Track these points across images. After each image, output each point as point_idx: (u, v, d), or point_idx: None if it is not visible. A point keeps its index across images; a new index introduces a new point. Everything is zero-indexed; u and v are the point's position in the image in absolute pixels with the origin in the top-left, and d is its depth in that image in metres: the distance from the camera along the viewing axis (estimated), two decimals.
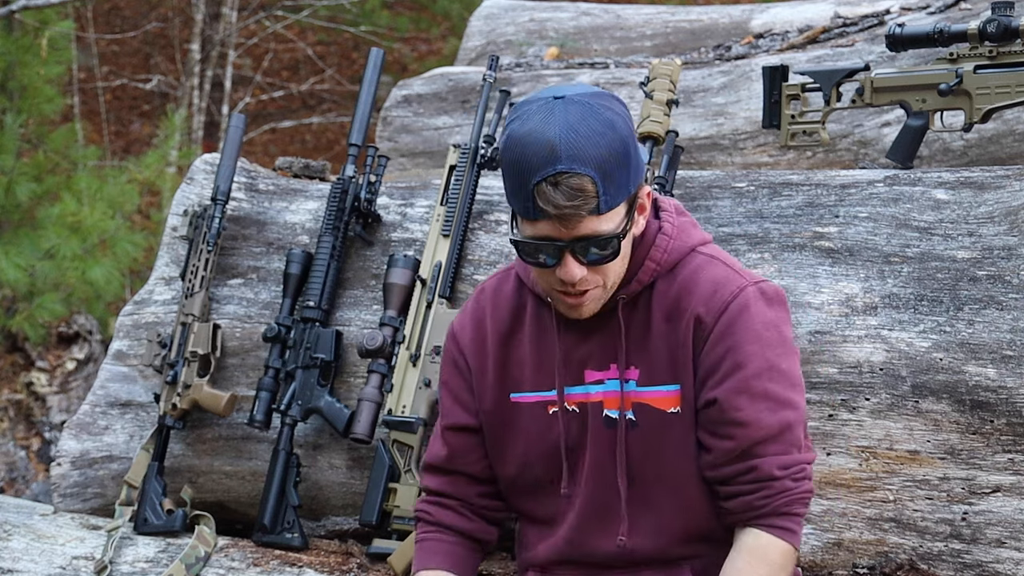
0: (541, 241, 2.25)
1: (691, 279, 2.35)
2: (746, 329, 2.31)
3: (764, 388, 2.31)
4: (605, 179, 2.20)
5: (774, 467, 2.31)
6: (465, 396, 2.53)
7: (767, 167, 4.14)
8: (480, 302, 2.53)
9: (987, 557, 2.76)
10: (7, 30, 7.30)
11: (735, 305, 2.32)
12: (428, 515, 2.59)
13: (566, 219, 2.21)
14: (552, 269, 2.28)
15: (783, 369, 2.33)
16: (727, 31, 5.04)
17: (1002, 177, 3.00)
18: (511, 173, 2.24)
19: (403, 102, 4.89)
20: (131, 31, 11.02)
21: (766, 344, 2.32)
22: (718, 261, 2.38)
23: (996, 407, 2.74)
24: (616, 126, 2.22)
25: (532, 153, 2.19)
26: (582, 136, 2.19)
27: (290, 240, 3.49)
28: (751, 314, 2.32)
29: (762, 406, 2.31)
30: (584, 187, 2.19)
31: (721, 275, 2.35)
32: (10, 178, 6.65)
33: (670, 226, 2.38)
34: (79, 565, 3.23)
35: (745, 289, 2.34)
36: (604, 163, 2.20)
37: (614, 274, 2.31)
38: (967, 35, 3.10)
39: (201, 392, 3.34)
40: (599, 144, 2.20)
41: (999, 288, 2.81)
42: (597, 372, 2.40)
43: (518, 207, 2.25)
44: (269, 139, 11.09)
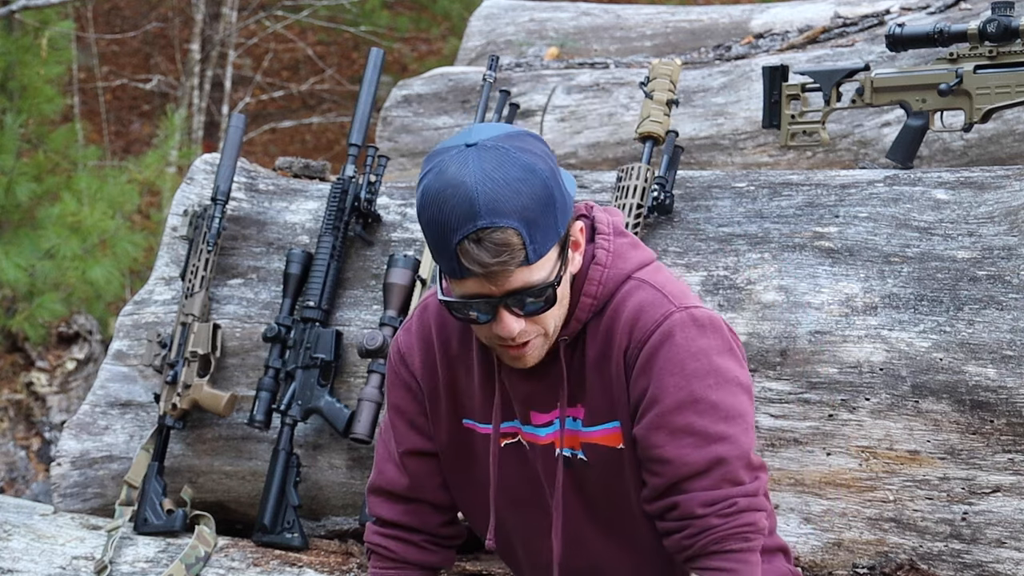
0: (472, 299, 2.13)
1: (619, 309, 2.22)
2: (668, 360, 2.18)
3: (686, 423, 2.17)
4: (531, 228, 2.07)
5: (696, 504, 2.18)
6: (420, 420, 2.40)
7: (767, 167, 4.14)
8: (425, 321, 2.39)
9: (987, 557, 2.76)
10: (7, 30, 7.30)
11: (658, 334, 2.18)
12: (388, 551, 2.48)
13: (494, 276, 2.08)
14: (488, 325, 2.16)
15: (712, 401, 2.17)
16: (727, 31, 5.04)
17: (1002, 177, 3.00)
18: (430, 232, 2.10)
19: (403, 102, 4.89)
20: (131, 31, 11.02)
21: (691, 375, 2.17)
22: (648, 286, 2.23)
23: (996, 407, 2.74)
24: (536, 169, 2.09)
25: (450, 210, 2.06)
26: (500, 186, 2.05)
27: (290, 240, 3.49)
28: (674, 343, 2.18)
29: (685, 442, 2.17)
30: (509, 241, 2.06)
31: (647, 301, 2.21)
32: (10, 178, 6.64)
33: (604, 253, 2.24)
34: (79, 565, 3.23)
35: (671, 316, 2.19)
36: (527, 211, 2.06)
37: (555, 319, 2.19)
38: (967, 35, 3.10)
39: (201, 392, 3.34)
40: (520, 192, 2.06)
41: (999, 288, 2.80)
42: (543, 415, 2.30)
43: (443, 266, 2.12)
44: (269, 139, 11.09)
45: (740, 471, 2.20)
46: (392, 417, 2.44)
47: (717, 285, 3.02)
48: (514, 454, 2.34)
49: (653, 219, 3.15)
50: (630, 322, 2.21)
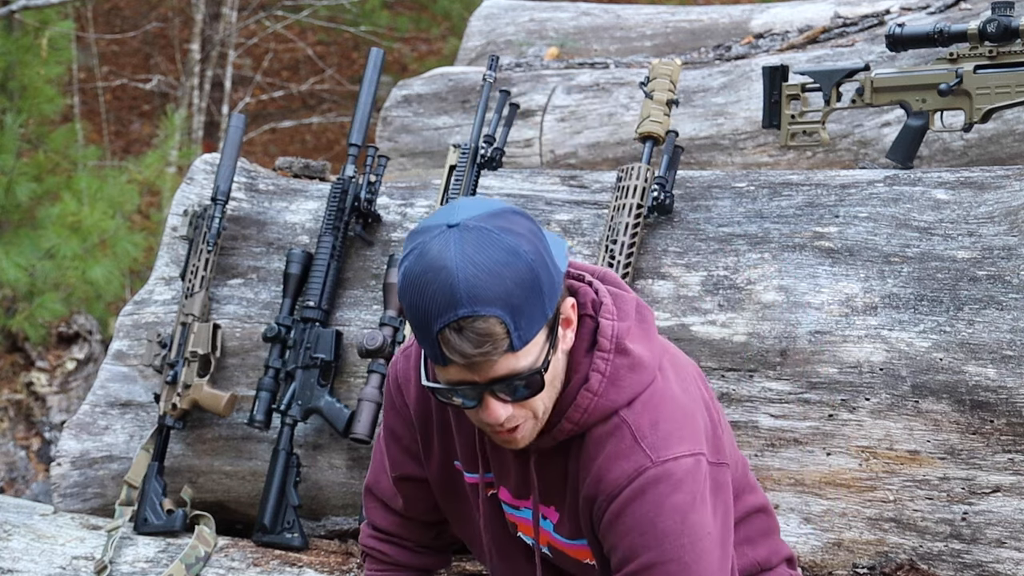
0: (456, 387, 2.04)
1: (596, 449, 2.13)
2: (638, 518, 2.09)
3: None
4: (515, 315, 1.97)
5: None
6: (414, 447, 2.37)
7: (767, 167, 4.14)
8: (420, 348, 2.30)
9: (987, 557, 2.76)
10: (7, 30, 7.30)
11: (628, 491, 2.09)
12: (382, 554, 2.49)
13: (477, 366, 2.00)
14: (475, 409, 2.08)
15: (685, 561, 2.08)
16: (727, 31, 5.04)
17: (1002, 177, 3.00)
18: (412, 316, 2.01)
19: (403, 102, 4.89)
20: (131, 31, 11.02)
21: (661, 535, 2.08)
22: (627, 432, 2.12)
23: (996, 407, 2.74)
24: (519, 251, 1.98)
25: (430, 296, 1.97)
26: (483, 271, 1.96)
27: (290, 240, 3.49)
28: (645, 501, 2.08)
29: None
30: (492, 331, 1.96)
31: (623, 452, 2.10)
32: (10, 178, 6.64)
33: (598, 378, 2.12)
34: (79, 565, 3.23)
35: (644, 472, 2.09)
36: (511, 298, 1.96)
37: (544, 402, 2.10)
38: (967, 35, 3.10)
39: (201, 392, 3.34)
40: (503, 277, 1.96)
41: (999, 288, 2.80)
42: (512, 497, 2.27)
43: (427, 351, 2.04)
44: (269, 139, 11.09)
45: None
46: (387, 439, 2.41)
47: (717, 285, 3.02)
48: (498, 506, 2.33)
49: (653, 219, 3.15)
50: (601, 471, 2.12)
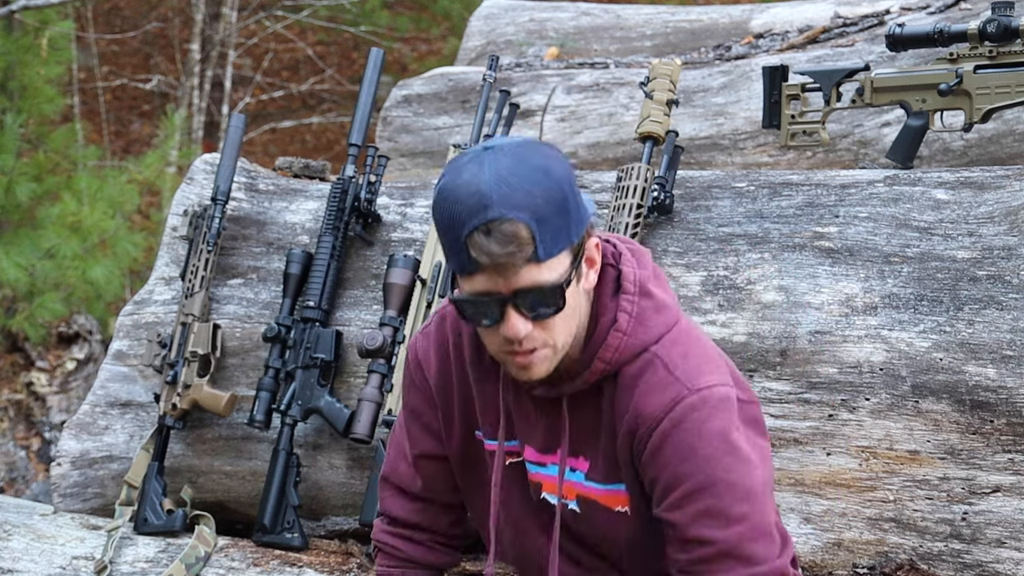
0: (480, 297, 2.10)
1: (631, 385, 2.20)
2: (680, 446, 2.15)
3: (706, 507, 2.15)
4: (540, 225, 2.05)
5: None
6: (435, 425, 2.41)
7: (767, 167, 4.14)
8: (443, 330, 2.38)
9: (987, 557, 2.76)
10: (7, 30, 7.30)
11: (667, 421, 2.15)
12: (396, 549, 2.49)
13: (503, 269, 2.06)
14: (495, 328, 2.12)
15: (730, 482, 2.15)
16: (727, 31, 5.04)
17: (1002, 177, 3.00)
18: (444, 229, 2.09)
19: (403, 102, 4.89)
20: (131, 31, 11.02)
21: (704, 460, 2.15)
22: (661, 365, 2.19)
23: (996, 407, 2.74)
24: (551, 172, 2.08)
25: (462, 205, 2.06)
26: (513, 182, 2.05)
27: (290, 240, 3.49)
28: (685, 428, 2.15)
29: (706, 523, 2.15)
30: (518, 233, 2.04)
31: (658, 384, 2.18)
32: (10, 178, 6.64)
33: (626, 318, 2.20)
34: (79, 565, 3.23)
35: (682, 401, 2.16)
36: (538, 208, 2.05)
37: (563, 333, 2.15)
38: (967, 35, 3.10)
39: (201, 392, 3.34)
40: (531, 190, 2.06)
41: (999, 288, 2.81)
42: (538, 454, 2.30)
43: (455, 264, 2.11)
44: (269, 139, 11.09)
45: (761, 548, 2.17)
46: (407, 419, 2.45)
47: (717, 285, 3.02)
48: (518, 473, 2.35)
49: (653, 219, 3.15)
50: (639, 405, 2.18)
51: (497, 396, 2.31)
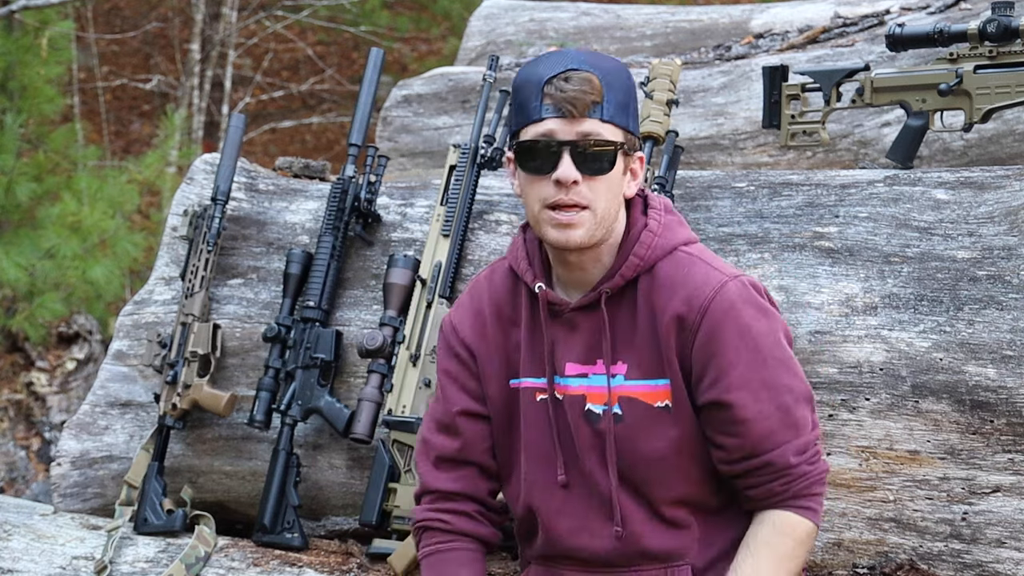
0: (544, 138, 2.30)
1: (671, 277, 2.36)
2: (731, 326, 2.32)
3: (761, 379, 2.33)
4: (609, 89, 2.29)
5: (789, 455, 2.33)
6: (471, 384, 2.51)
7: (767, 167, 4.14)
8: (475, 293, 2.54)
9: (987, 557, 2.76)
10: (7, 30, 7.30)
11: (717, 303, 2.33)
12: (442, 522, 2.52)
13: (573, 105, 2.27)
14: (547, 176, 2.30)
15: (777, 356, 2.35)
16: (727, 31, 5.04)
17: (1002, 177, 3.00)
18: (520, 90, 2.32)
19: (403, 102, 4.89)
20: (131, 31, 11.02)
21: (755, 336, 2.33)
22: (697, 259, 2.38)
23: (996, 407, 2.74)
24: (621, 65, 2.35)
25: (544, 65, 2.31)
26: (594, 58, 2.32)
27: (290, 240, 3.49)
28: (735, 311, 2.33)
29: (761, 397, 2.32)
30: (592, 80, 2.28)
31: (701, 273, 2.36)
32: (10, 178, 6.65)
33: (656, 223, 2.40)
34: (79, 565, 3.23)
35: (726, 285, 2.34)
36: (610, 76, 2.31)
37: (604, 200, 2.32)
38: (967, 35, 3.10)
39: (201, 392, 3.34)
40: (607, 66, 2.32)
41: (999, 288, 2.81)
42: (580, 366, 2.40)
43: (523, 117, 2.32)
44: (269, 139, 11.09)
45: (807, 411, 2.37)
46: (443, 383, 2.55)
47: None
48: (545, 410, 2.43)
49: None
50: (688, 291, 2.33)
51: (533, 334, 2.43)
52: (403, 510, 3.10)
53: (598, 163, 2.30)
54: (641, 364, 2.36)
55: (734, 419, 2.33)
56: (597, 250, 2.37)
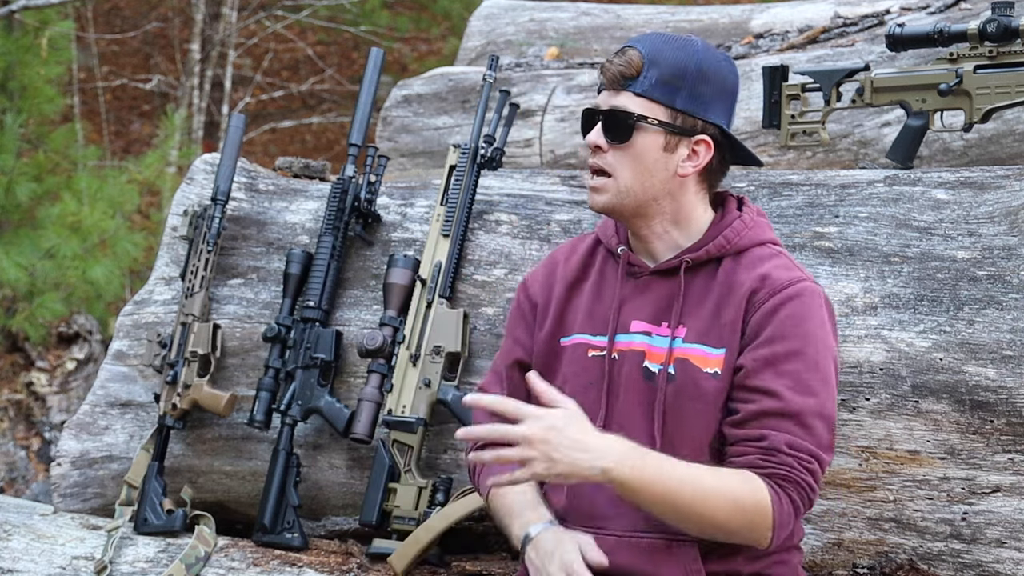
0: (591, 108, 2.48)
1: (756, 261, 2.45)
2: (792, 314, 2.39)
3: (793, 369, 2.36)
4: (652, 65, 2.41)
5: (783, 443, 2.33)
6: (525, 338, 2.60)
7: (767, 167, 4.13)
8: (555, 256, 2.65)
9: (987, 557, 2.76)
10: (7, 30, 7.30)
11: (789, 291, 2.40)
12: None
13: (612, 88, 2.44)
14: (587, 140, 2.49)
15: (816, 361, 2.38)
16: (727, 31, 5.04)
17: (1002, 177, 3.00)
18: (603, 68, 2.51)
19: (403, 102, 4.89)
20: (131, 31, 11.02)
21: (806, 334, 2.39)
22: (784, 256, 2.49)
23: (996, 407, 2.74)
24: (692, 47, 2.45)
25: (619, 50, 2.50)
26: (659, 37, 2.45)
27: (290, 240, 3.49)
28: (802, 303, 2.40)
29: (785, 382, 2.35)
30: (632, 58, 2.43)
31: (784, 265, 2.45)
32: (10, 178, 6.65)
33: (748, 218, 2.50)
34: (79, 565, 3.23)
35: (802, 282, 2.42)
36: (659, 56, 2.41)
37: (627, 172, 2.44)
38: (967, 35, 3.10)
39: (201, 392, 3.34)
40: (665, 46, 2.43)
41: (999, 288, 2.81)
42: (646, 324, 2.47)
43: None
44: (269, 139, 11.09)
45: (820, 428, 2.36)
46: (505, 339, 2.66)
47: None
48: (600, 365, 2.48)
49: None
50: (765, 274, 2.42)
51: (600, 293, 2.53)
52: (403, 510, 3.10)
53: (619, 132, 2.43)
54: (702, 331, 2.43)
55: (753, 387, 2.36)
56: (652, 225, 2.48)
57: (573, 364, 2.51)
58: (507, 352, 2.63)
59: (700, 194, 2.50)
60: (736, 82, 2.49)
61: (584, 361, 2.49)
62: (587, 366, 2.49)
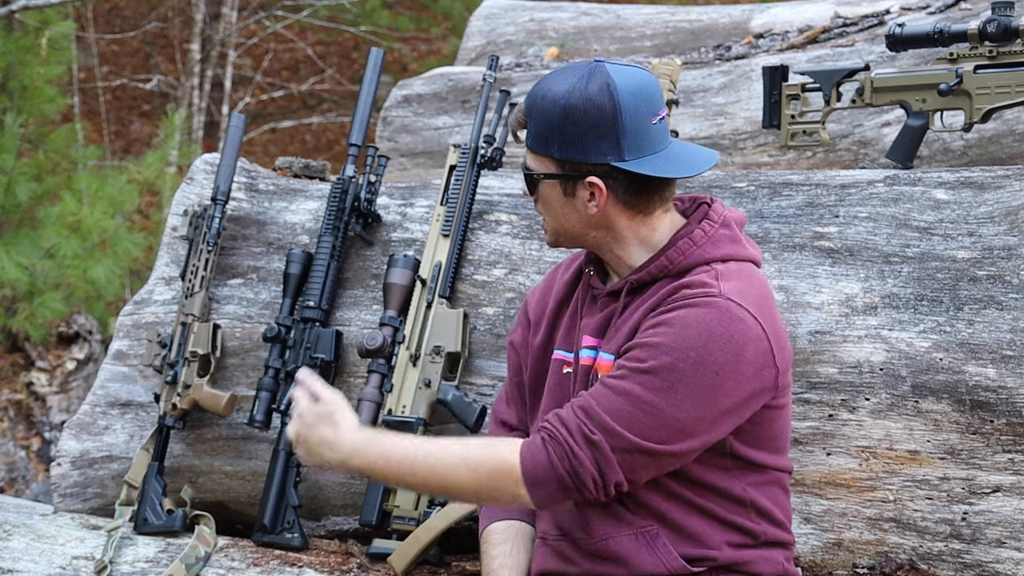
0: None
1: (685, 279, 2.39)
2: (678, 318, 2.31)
3: (624, 389, 2.32)
4: (531, 119, 2.40)
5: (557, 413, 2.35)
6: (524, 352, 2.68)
7: (767, 167, 4.14)
8: (553, 273, 2.69)
9: (987, 557, 2.76)
10: (7, 30, 7.30)
11: (688, 300, 2.32)
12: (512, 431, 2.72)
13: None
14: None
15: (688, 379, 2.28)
16: (727, 31, 5.04)
17: (1002, 177, 3.00)
18: None
19: (403, 102, 4.89)
20: (131, 31, 11.02)
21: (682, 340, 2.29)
22: (712, 272, 2.36)
23: (996, 407, 2.74)
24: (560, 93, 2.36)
25: None
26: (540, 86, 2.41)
27: (290, 240, 3.49)
28: (693, 311, 2.30)
29: (603, 393, 2.34)
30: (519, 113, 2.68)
31: (701, 278, 2.35)
32: (10, 178, 6.65)
33: (701, 235, 2.40)
34: (79, 565, 3.23)
35: (710, 295, 2.32)
36: (532, 108, 2.39)
37: (552, 219, 2.45)
38: (967, 35, 3.10)
39: (201, 392, 3.34)
40: (537, 96, 2.39)
41: (999, 288, 2.81)
42: (592, 339, 2.50)
43: None
44: (269, 139, 11.09)
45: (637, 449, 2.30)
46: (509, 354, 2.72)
47: None
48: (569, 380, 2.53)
49: None
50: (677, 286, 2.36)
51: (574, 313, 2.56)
52: (403, 510, 3.10)
53: (529, 187, 2.47)
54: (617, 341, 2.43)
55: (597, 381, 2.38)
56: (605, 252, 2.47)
57: (553, 379, 2.57)
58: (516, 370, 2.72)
59: (638, 218, 2.42)
60: (614, 108, 2.33)
61: (559, 376, 2.55)
62: (561, 380, 2.55)
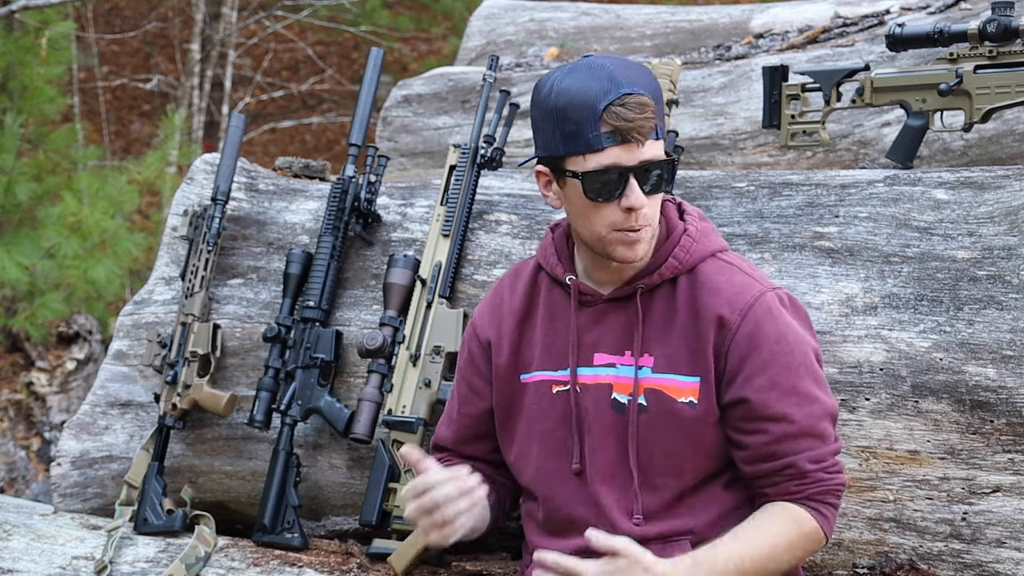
0: (609, 169, 2.33)
1: (713, 280, 2.44)
2: (770, 331, 2.41)
3: (792, 385, 2.40)
4: (657, 103, 2.34)
5: (807, 462, 2.40)
6: (481, 385, 2.62)
7: (767, 167, 4.14)
8: (499, 290, 2.63)
9: (987, 557, 2.76)
10: (7, 30, 7.30)
11: (758, 307, 2.42)
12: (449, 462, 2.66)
13: (637, 131, 2.30)
14: (615, 203, 2.35)
15: (804, 365, 2.42)
16: (727, 31, 5.04)
17: (1002, 177, 3.00)
18: (567, 114, 2.32)
19: (403, 102, 4.89)
20: (131, 31, 11.02)
21: (789, 344, 2.42)
22: (735, 267, 2.48)
23: (996, 407, 2.74)
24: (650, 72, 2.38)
25: (591, 87, 2.30)
26: (632, 69, 2.34)
27: (290, 240, 3.49)
28: (773, 316, 2.42)
29: (791, 401, 2.40)
30: (647, 104, 2.31)
31: (741, 280, 2.45)
32: (10, 178, 6.65)
33: (694, 229, 2.49)
34: (79, 565, 3.23)
35: (765, 295, 2.44)
36: (655, 91, 2.34)
37: (655, 219, 2.41)
38: (967, 35, 3.10)
39: (201, 392, 3.34)
40: (644, 76, 2.34)
41: (999, 288, 2.81)
42: (609, 356, 2.46)
43: (580, 144, 2.33)
44: (269, 139, 11.09)
45: (828, 428, 2.44)
46: (459, 386, 2.68)
47: None
48: (565, 401, 2.49)
49: None
50: (729, 295, 2.42)
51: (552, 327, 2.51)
52: (403, 510, 3.10)
53: (659, 182, 2.38)
54: (672, 359, 2.43)
55: (760, 416, 2.40)
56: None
57: (538, 403, 2.52)
58: (464, 399, 2.67)
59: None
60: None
61: (548, 398, 2.50)
62: (552, 403, 2.50)
